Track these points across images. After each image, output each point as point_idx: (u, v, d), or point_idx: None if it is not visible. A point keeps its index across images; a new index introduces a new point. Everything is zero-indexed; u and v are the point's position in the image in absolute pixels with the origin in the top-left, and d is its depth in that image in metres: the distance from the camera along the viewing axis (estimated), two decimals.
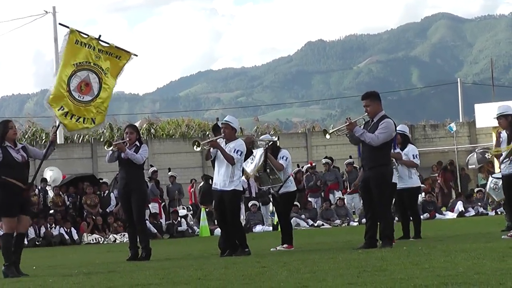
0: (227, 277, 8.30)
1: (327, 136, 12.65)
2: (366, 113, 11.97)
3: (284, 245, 13.56)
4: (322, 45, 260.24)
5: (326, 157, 27.84)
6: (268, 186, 13.72)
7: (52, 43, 32.42)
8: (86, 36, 12.97)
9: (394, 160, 13.61)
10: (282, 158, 13.54)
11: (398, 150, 13.78)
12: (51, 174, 26.55)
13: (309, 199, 26.09)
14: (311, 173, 26.55)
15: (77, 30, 12.97)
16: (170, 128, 35.39)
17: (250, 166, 13.51)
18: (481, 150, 31.30)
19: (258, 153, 13.45)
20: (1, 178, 10.43)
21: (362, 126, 11.96)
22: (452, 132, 30.98)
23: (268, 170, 13.37)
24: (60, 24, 13.04)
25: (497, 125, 13.03)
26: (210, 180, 20.76)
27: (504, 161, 12.65)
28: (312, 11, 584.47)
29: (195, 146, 12.24)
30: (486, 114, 31.05)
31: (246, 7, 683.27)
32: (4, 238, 10.71)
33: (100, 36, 13.07)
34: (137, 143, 12.85)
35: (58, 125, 12.98)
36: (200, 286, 7.58)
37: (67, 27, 12.99)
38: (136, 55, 13.36)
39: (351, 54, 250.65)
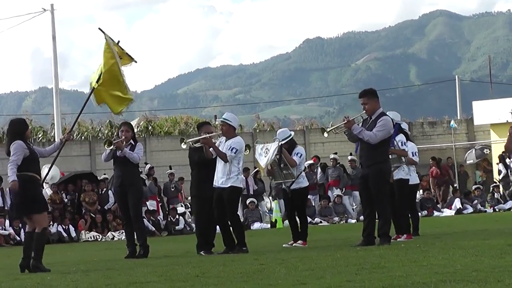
0: (225, 274, 8.29)
1: (325, 135, 12.68)
2: (364, 111, 11.96)
3: (299, 242, 13.58)
4: (320, 42, 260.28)
5: (335, 153, 27.89)
6: (280, 181, 13.79)
7: (50, 41, 32.28)
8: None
9: (403, 158, 13.49)
10: (296, 154, 13.64)
11: (404, 147, 13.64)
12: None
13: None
14: (310, 171, 26.57)
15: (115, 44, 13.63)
16: (168, 125, 35.32)
17: (263, 159, 13.57)
18: (480, 147, 31.34)
19: (272, 147, 13.51)
20: (29, 174, 10.59)
21: (360, 124, 11.95)
22: (453, 128, 31.02)
23: (282, 165, 13.43)
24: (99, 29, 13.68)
25: (495, 122, 13.12)
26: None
27: None
28: (310, 8, 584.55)
29: (182, 142, 12.36)
30: (484, 111, 31.10)
31: (244, 4, 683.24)
32: (44, 234, 10.74)
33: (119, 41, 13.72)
34: (132, 141, 12.86)
35: (74, 124, 14.03)
36: (198, 283, 7.58)
37: (113, 40, 13.57)
38: (136, 61, 13.88)
39: (349, 51, 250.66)
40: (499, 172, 29.64)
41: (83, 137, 33.34)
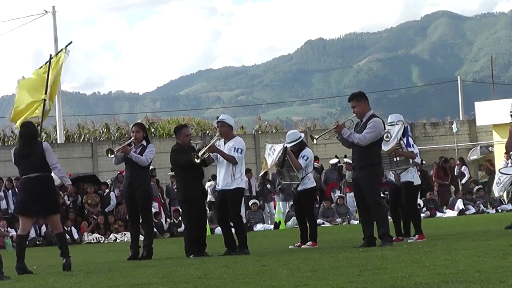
0: (227, 276, 8.29)
1: (314, 141, 12.69)
2: (354, 114, 11.96)
3: (309, 243, 13.53)
4: (322, 43, 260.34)
5: (336, 157, 27.88)
6: (288, 182, 13.80)
7: (52, 43, 32.39)
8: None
9: (410, 160, 13.38)
10: (303, 157, 13.58)
11: (412, 149, 13.55)
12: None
13: None
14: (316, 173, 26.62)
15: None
16: (170, 127, 35.37)
17: (270, 159, 13.61)
18: (485, 144, 31.35)
19: (278, 148, 13.52)
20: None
21: (353, 128, 11.93)
22: (455, 131, 31.02)
23: (287, 167, 13.42)
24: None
25: (498, 122, 13.13)
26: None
27: None
28: (312, 9, 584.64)
29: (195, 159, 12.00)
30: (486, 112, 31.06)
31: (246, 5, 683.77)
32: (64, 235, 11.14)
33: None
34: (143, 142, 12.78)
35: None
36: (200, 285, 7.57)
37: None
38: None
39: (351, 52, 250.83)
40: (462, 174, 29.49)
41: (85, 139, 33.37)
